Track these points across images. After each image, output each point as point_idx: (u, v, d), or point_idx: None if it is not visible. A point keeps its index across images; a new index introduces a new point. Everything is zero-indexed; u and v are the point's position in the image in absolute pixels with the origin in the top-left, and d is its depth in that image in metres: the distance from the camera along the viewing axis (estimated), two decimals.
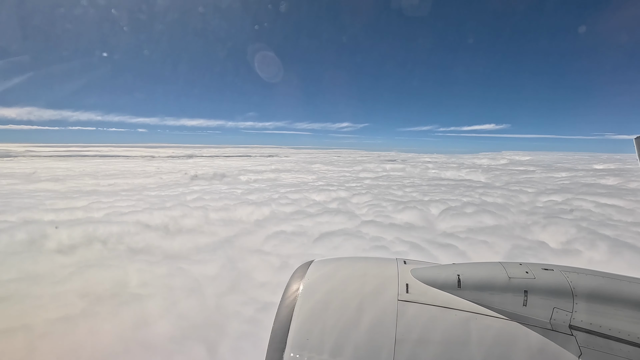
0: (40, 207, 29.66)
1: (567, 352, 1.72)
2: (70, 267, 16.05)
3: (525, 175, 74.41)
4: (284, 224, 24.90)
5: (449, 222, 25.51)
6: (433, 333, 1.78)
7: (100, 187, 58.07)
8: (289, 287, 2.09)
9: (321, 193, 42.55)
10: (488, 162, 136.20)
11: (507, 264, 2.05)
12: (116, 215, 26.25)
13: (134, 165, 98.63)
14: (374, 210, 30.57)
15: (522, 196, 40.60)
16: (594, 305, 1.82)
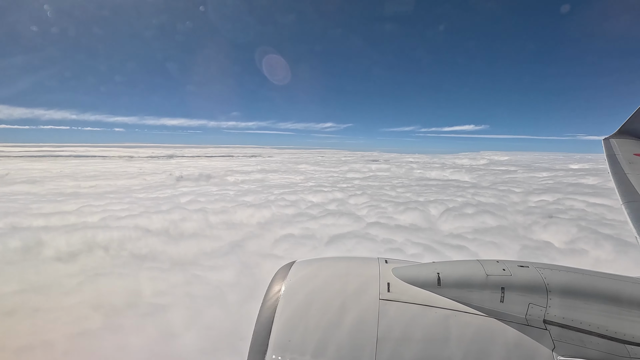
0: (27, 211, 28.05)
1: (542, 346, 1.78)
2: (77, 277, 15.20)
3: (508, 175, 76.57)
4: (289, 227, 24.54)
5: (452, 223, 25.85)
6: (414, 331, 1.79)
7: (81, 189, 55.91)
8: (270, 289, 2.06)
9: (317, 194, 42.28)
10: (469, 162, 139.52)
11: (485, 262, 2.09)
12: (113, 219, 25.13)
13: (114, 166, 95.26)
14: (375, 211, 30.62)
15: (513, 196, 41.68)
16: (567, 300, 1.88)
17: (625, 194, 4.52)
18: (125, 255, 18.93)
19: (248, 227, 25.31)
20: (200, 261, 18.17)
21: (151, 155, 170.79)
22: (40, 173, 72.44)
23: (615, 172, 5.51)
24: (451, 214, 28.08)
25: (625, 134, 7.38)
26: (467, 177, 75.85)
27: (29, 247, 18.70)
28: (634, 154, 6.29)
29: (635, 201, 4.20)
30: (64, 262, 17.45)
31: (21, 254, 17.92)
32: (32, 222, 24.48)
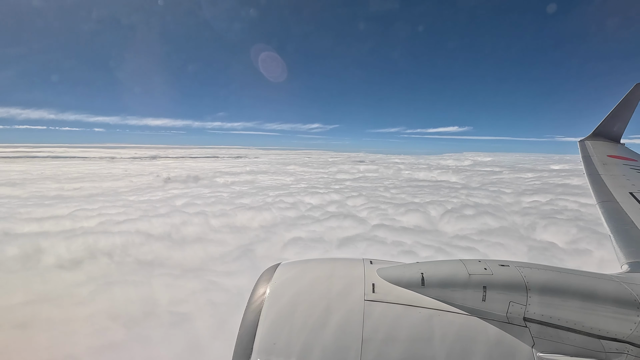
0: (16, 216, 26.78)
1: (522, 343, 1.83)
2: (87, 285, 14.57)
3: (494, 176, 78.22)
4: (295, 230, 24.33)
5: (454, 225, 26.20)
6: (398, 331, 1.81)
7: (65, 192, 54.10)
8: (255, 292, 2.06)
9: (314, 196, 42.10)
10: (454, 163, 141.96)
11: (468, 261, 2.12)
12: (111, 224, 24.28)
13: (97, 167, 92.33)
14: (375, 213, 30.72)
15: (505, 197, 42.66)
16: (545, 298, 1.93)
17: (599, 194, 4.71)
18: (130, 261, 18.30)
19: (253, 231, 24.93)
20: (211, 267, 17.75)
21: (134, 156, 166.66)
22: (19, 175, 69.45)
23: (590, 173, 5.69)
24: (453, 215, 28.50)
25: (599, 136, 7.85)
26: (455, 178, 77.19)
27: (28, 255, 17.83)
28: (608, 156, 6.60)
29: (608, 201, 4.38)
30: (69, 270, 16.71)
31: (21, 262, 17.06)
32: (24, 228, 23.39)
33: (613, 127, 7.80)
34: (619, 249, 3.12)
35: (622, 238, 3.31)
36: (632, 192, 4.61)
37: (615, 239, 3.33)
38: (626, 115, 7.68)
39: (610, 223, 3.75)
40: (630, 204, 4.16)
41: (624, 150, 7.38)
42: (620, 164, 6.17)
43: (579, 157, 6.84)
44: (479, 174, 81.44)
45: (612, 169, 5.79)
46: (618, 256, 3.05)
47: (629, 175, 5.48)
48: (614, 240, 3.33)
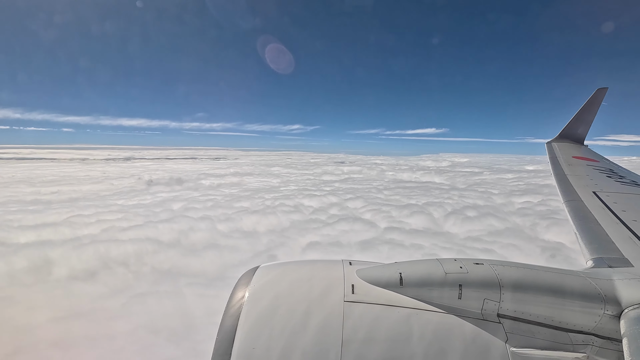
0: (8, 224, 25.03)
1: (496, 338, 1.89)
2: (115, 298, 13.82)
3: (476, 177, 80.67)
4: (308, 234, 24.15)
5: (461, 226, 26.85)
6: (378, 331, 1.85)
7: (42, 196, 51.41)
8: (233, 295, 2.03)
9: (312, 199, 41.99)
10: (433, 164, 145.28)
11: (444, 260, 2.16)
12: (116, 231, 23.14)
13: (72, 169, 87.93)
14: (380, 215, 30.96)
15: (495, 198, 44.20)
16: (517, 294, 2.00)
17: (565, 193, 4.90)
18: (148, 271, 17.55)
19: (264, 235, 24.51)
20: (236, 274, 17.24)
21: (108, 157, 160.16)
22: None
23: (556, 173, 5.90)
24: (457, 217, 29.18)
25: (565, 138, 8.23)
26: (439, 179, 79.08)
27: (38, 267, 16.72)
28: (573, 157, 6.91)
29: (574, 200, 4.56)
30: (85, 281, 15.82)
31: (33, 275, 15.97)
32: (20, 237, 21.89)
33: (577, 129, 8.20)
34: (583, 246, 3.22)
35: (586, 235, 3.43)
36: (595, 191, 4.82)
37: (580, 236, 3.45)
38: (589, 118, 8.07)
39: (576, 221, 3.90)
40: (594, 203, 4.36)
41: (588, 151, 7.75)
42: (584, 165, 6.47)
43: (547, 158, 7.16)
44: (461, 175, 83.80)
45: (576, 170, 6.03)
46: (583, 252, 3.13)
47: (592, 176, 5.74)
48: (579, 238, 3.46)
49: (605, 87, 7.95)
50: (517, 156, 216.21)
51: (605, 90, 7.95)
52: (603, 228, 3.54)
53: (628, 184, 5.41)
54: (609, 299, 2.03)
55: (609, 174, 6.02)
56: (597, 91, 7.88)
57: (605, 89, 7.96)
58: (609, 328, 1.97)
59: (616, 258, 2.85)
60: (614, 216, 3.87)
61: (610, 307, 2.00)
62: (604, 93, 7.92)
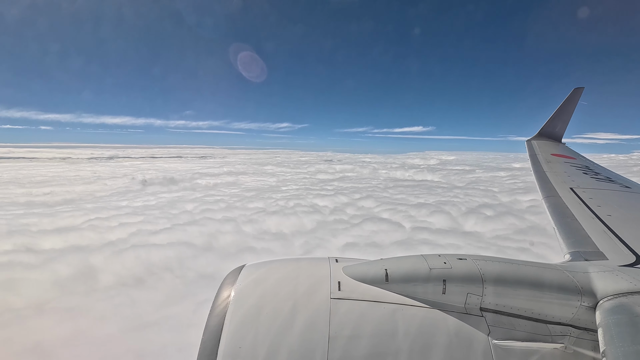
0: (25, 229, 23.97)
1: (479, 332, 1.96)
2: (180, 305, 13.54)
3: (470, 175, 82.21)
4: (340, 235, 24.21)
5: (483, 225, 27.49)
6: (364, 327, 1.89)
7: (35, 198, 49.73)
8: (219, 295, 2.05)
9: (323, 199, 41.98)
10: (422, 162, 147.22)
11: (428, 256, 2.22)
12: (146, 235, 22.56)
13: (60, 169, 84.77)
14: (400, 215, 31.32)
15: (500, 196, 45.28)
16: (499, 288, 2.07)
17: (544, 190, 5.14)
18: (194, 276, 17.23)
19: (295, 237, 24.45)
20: None
21: (91, 156, 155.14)
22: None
23: (536, 170, 6.16)
24: (478, 216, 29.83)
25: (544, 136, 8.65)
26: (434, 177, 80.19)
27: (83, 274, 16.17)
28: (551, 154, 7.26)
29: (552, 196, 4.80)
30: (138, 288, 15.41)
31: (81, 282, 15.43)
32: (45, 243, 21.05)
33: (555, 127, 8.61)
34: (561, 240, 3.38)
35: (564, 230, 3.60)
36: (572, 187, 5.09)
37: (559, 231, 3.63)
38: (566, 117, 8.51)
39: (554, 216, 4.13)
40: (571, 199, 4.61)
41: (565, 149, 8.16)
42: (562, 162, 6.82)
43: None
44: (454, 173, 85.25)
45: (555, 167, 6.33)
46: (561, 246, 3.28)
47: (569, 172, 6.06)
48: (557, 232, 3.63)
49: (581, 87, 8.33)
50: (500, 154, 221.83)
51: (581, 90, 8.32)
52: (580, 223, 3.74)
53: (603, 181, 5.68)
54: (585, 291, 2.10)
55: (585, 170, 6.35)
56: (573, 90, 8.27)
57: (582, 89, 8.33)
58: (585, 319, 2.06)
59: (592, 252, 3.01)
60: (590, 211, 4.08)
61: (587, 299, 2.08)
62: (581, 92, 8.29)
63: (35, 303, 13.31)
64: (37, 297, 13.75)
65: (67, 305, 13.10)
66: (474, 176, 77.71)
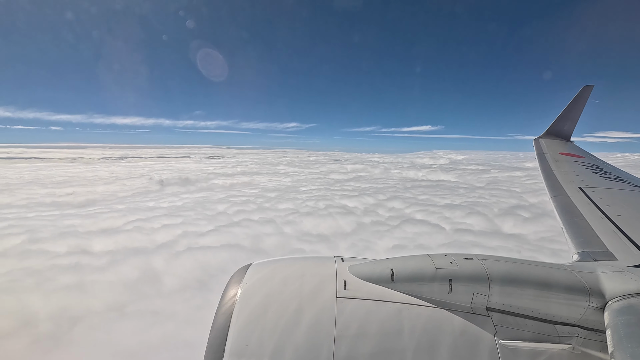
0: (69, 230, 24.18)
1: (485, 332, 1.95)
2: None
3: (486, 175, 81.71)
4: (384, 237, 24.20)
5: (523, 227, 27.31)
6: (370, 326, 1.89)
7: (59, 198, 50.15)
8: (226, 293, 2.05)
9: (350, 199, 41.95)
10: (432, 161, 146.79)
11: (434, 256, 2.22)
12: (194, 237, 22.67)
13: (78, 170, 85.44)
14: (435, 216, 31.22)
15: (528, 197, 44.99)
16: (506, 288, 2.05)
17: (552, 189, 5.06)
18: None
19: (338, 239, 24.45)
20: None
21: (102, 156, 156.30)
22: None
23: (544, 169, 6.10)
24: (517, 218, 29.64)
25: (552, 135, 8.55)
26: (449, 177, 79.88)
27: (148, 277, 16.27)
28: (559, 153, 7.18)
29: (560, 195, 4.72)
30: (204, 291, 15.46)
31: (150, 286, 15.52)
32: (96, 245, 21.23)
33: (564, 126, 8.51)
34: (570, 240, 3.33)
35: (572, 229, 3.55)
36: (581, 186, 5.01)
37: (567, 231, 3.57)
38: (575, 115, 8.38)
39: (562, 216, 4.06)
40: (579, 198, 4.54)
41: (574, 148, 8.06)
42: (570, 161, 6.70)
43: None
44: (469, 173, 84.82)
45: (563, 166, 6.25)
46: (569, 246, 3.23)
47: (578, 171, 5.94)
48: (565, 232, 3.57)
49: (591, 85, 8.18)
50: (510, 153, 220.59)
51: (591, 88, 8.18)
52: (588, 222, 3.67)
53: (612, 180, 5.56)
54: (593, 291, 2.08)
55: (594, 169, 6.21)
56: (583, 88, 8.12)
57: (591, 87, 8.18)
58: (594, 320, 2.03)
59: (601, 252, 2.95)
60: (599, 211, 4.01)
61: (595, 300, 2.05)
62: (590, 90, 8.16)
63: (114, 306, 13.42)
64: (113, 300, 13.87)
65: (147, 309, 13.18)
66: (490, 176, 77.18)
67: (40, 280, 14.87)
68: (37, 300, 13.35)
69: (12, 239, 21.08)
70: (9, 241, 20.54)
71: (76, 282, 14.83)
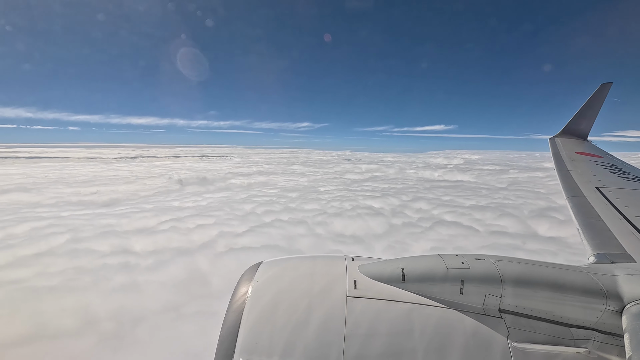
0: (109, 230, 24.59)
1: (497, 333, 1.91)
2: None
3: (505, 175, 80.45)
4: (420, 239, 24.00)
5: (560, 230, 26.71)
6: (380, 326, 1.86)
7: (84, 197, 51.01)
8: (237, 291, 2.07)
9: (375, 200, 41.76)
10: (446, 161, 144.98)
11: (446, 256, 2.19)
12: (231, 237, 22.84)
13: (98, 169, 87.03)
14: (465, 218, 30.85)
15: (555, 198, 44.10)
16: (519, 289, 2.02)
17: (568, 189, 4.94)
18: None
19: (372, 240, 24.33)
20: None
21: (119, 155, 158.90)
22: (24, 179, 64.15)
23: (559, 169, 5.97)
24: (552, 220, 29.10)
25: (568, 134, 8.36)
26: (465, 177, 78.98)
27: (195, 278, 16.43)
28: (576, 152, 7.01)
29: (576, 195, 4.61)
30: None
31: (201, 287, 15.65)
32: (136, 245, 21.53)
33: (581, 125, 8.29)
34: (586, 242, 3.23)
35: (589, 231, 3.45)
36: (598, 187, 4.85)
37: (583, 232, 3.47)
38: (592, 114, 8.14)
39: (579, 217, 3.97)
40: (597, 199, 4.40)
41: (591, 147, 7.84)
42: (587, 160, 6.53)
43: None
44: (487, 173, 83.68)
45: (579, 165, 6.09)
46: (585, 248, 3.14)
47: (595, 171, 5.78)
48: (581, 233, 3.47)
49: (609, 82, 7.94)
50: (525, 153, 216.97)
51: (609, 86, 7.93)
52: (606, 224, 3.56)
53: (631, 180, 5.39)
54: (610, 294, 2.03)
55: (612, 169, 6.04)
56: (601, 86, 7.90)
57: (610, 84, 7.94)
58: (611, 323, 1.98)
59: (618, 254, 2.86)
60: (617, 212, 3.88)
61: (612, 303, 2.01)
62: (608, 88, 7.92)
63: (170, 306, 13.59)
64: (168, 300, 14.04)
65: (202, 310, 13.28)
66: (509, 177, 75.96)
67: (97, 280, 15.18)
68: (96, 300, 13.63)
69: (57, 238, 21.57)
70: (55, 240, 21.02)
71: (130, 282, 15.08)
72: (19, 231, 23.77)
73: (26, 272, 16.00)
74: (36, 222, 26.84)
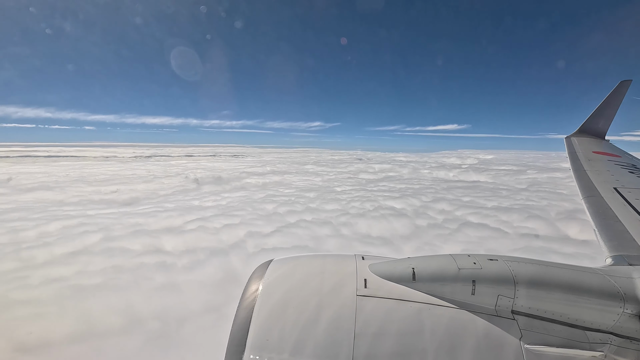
0: (140, 229, 24.93)
1: (510, 335, 1.87)
2: None
3: (523, 175, 79.07)
4: (448, 242, 23.70)
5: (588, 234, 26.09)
6: (390, 325, 1.84)
7: (105, 196, 51.96)
8: (247, 288, 2.07)
9: (395, 200, 41.52)
10: (459, 161, 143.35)
11: (457, 256, 2.16)
12: (259, 237, 22.92)
13: (116, 168, 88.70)
14: (491, 219, 30.39)
15: (579, 200, 43.11)
16: (532, 291, 1.97)
17: (584, 190, 4.83)
18: None
19: (399, 242, 24.14)
20: None
21: (134, 154, 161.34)
22: (46, 177, 65.72)
23: (575, 169, 5.82)
24: (584, 223, 28.40)
25: (585, 133, 8.13)
26: (481, 177, 78.02)
27: (231, 277, 16.50)
28: (593, 152, 6.80)
29: (593, 196, 4.51)
30: None
31: (234, 287, 15.70)
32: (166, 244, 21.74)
33: (598, 124, 8.05)
34: (603, 243, 3.16)
35: (606, 232, 3.37)
36: (616, 187, 4.72)
37: (600, 233, 3.39)
38: (611, 112, 7.87)
39: (595, 218, 3.84)
40: (614, 199, 4.28)
41: (609, 146, 7.58)
42: (605, 160, 6.36)
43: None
44: (504, 174, 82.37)
45: (596, 165, 5.96)
46: (602, 250, 3.08)
47: (613, 171, 5.64)
48: (598, 235, 3.39)
49: (629, 80, 7.66)
50: (541, 153, 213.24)
51: (629, 83, 7.67)
52: (623, 225, 3.47)
53: None
54: (628, 297, 1.99)
55: (631, 169, 5.89)
56: (620, 83, 7.63)
57: (629, 82, 7.68)
58: (628, 327, 1.94)
59: (637, 256, 2.81)
60: (636, 213, 3.79)
61: (630, 306, 1.96)
62: (628, 85, 7.65)
63: (211, 307, 13.67)
64: (208, 300, 14.14)
65: None
66: (528, 177, 74.67)
67: (137, 279, 15.39)
68: (139, 299, 13.81)
69: (89, 236, 21.95)
70: (89, 239, 21.39)
71: (170, 282, 15.26)
72: (51, 229, 24.27)
73: (67, 270, 16.30)
74: (66, 220, 27.37)
